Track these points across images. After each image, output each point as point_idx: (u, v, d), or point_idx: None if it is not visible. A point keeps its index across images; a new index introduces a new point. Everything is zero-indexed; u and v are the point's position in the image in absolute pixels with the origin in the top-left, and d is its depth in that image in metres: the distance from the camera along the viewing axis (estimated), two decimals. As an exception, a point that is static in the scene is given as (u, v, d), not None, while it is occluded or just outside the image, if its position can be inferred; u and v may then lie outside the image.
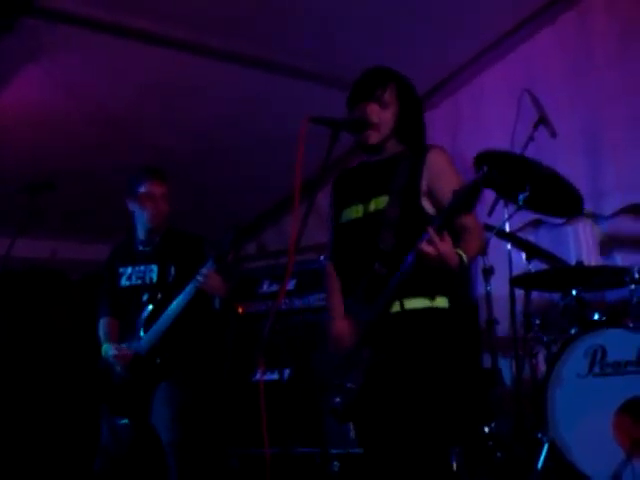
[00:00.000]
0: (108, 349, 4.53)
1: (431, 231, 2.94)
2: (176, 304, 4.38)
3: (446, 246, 2.96)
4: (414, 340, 3.19)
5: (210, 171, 6.27)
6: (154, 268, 4.60)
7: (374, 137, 3.35)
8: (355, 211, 3.37)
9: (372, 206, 3.31)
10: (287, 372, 5.52)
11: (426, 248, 2.94)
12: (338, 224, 3.45)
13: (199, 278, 4.30)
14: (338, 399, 3.20)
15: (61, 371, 6.75)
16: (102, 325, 4.71)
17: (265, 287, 5.78)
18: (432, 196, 3.27)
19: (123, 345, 4.51)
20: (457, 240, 3.12)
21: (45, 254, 6.66)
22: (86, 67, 5.17)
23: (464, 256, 3.06)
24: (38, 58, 4.94)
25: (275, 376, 5.46)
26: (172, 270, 4.55)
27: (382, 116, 3.36)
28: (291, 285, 5.64)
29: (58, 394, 6.66)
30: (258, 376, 5.42)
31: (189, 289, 4.34)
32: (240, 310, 5.73)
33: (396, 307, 3.19)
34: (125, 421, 4.42)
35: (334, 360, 3.27)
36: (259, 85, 5.67)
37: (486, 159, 4.99)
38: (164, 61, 5.25)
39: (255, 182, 6.52)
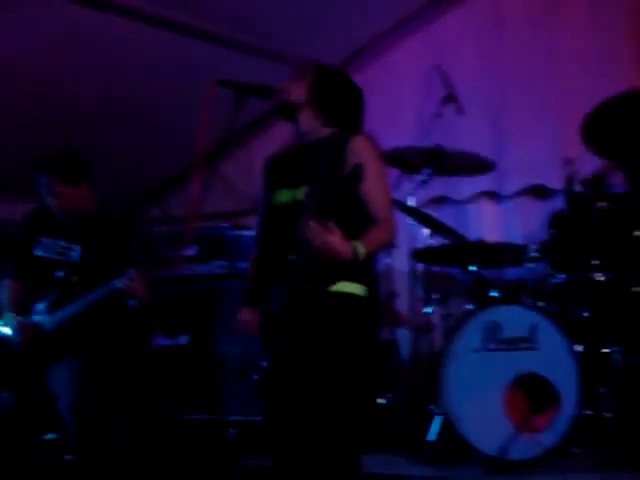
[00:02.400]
0: (10, 319, 4.40)
1: (314, 223, 2.94)
2: (94, 294, 4.26)
3: (334, 238, 2.97)
4: (321, 321, 3.20)
5: (114, 131, 6.14)
6: (77, 248, 4.46)
7: (285, 95, 3.32)
8: (285, 195, 3.34)
9: (299, 194, 3.28)
10: (186, 338, 5.49)
11: (312, 240, 2.96)
12: (270, 204, 3.42)
13: (124, 280, 4.20)
14: (256, 377, 3.25)
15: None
16: (4, 288, 4.57)
17: (166, 252, 5.70)
18: None
19: (28, 318, 4.39)
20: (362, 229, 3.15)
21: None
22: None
23: (360, 248, 3.07)
24: None
25: (174, 342, 5.42)
26: (95, 255, 4.43)
27: (295, 83, 3.34)
28: (193, 251, 5.58)
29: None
30: (155, 342, 5.37)
31: (110, 286, 4.24)
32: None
33: (308, 289, 3.19)
34: (7, 393, 4.32)
35: (255, 339, 3.29)
36: (170, 47, 5.57)
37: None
38: (66, 13, 5.09)
39: (161, 145, 6.42)
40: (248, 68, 3.54)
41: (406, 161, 5.06)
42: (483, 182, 5.66)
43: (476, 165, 5.19)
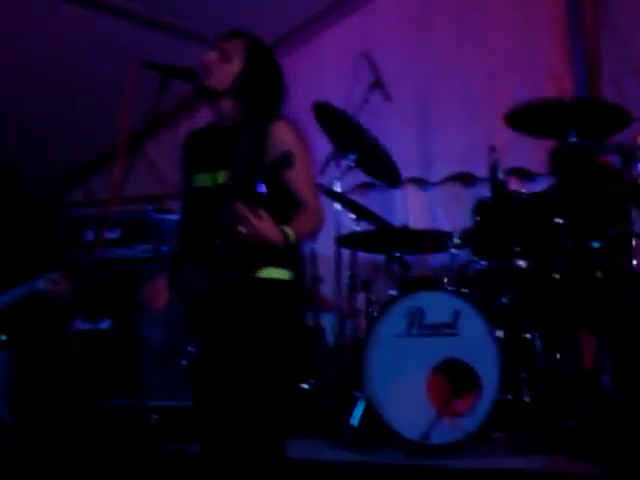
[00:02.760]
0: None
1: (243, 209, 2.92)
2: (16, 292, 4.18)
3: (263, 224, 2.95)
4: (248, 308, 3.18)
5: (35, 114, 6.03)
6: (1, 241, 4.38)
7: (207, 80, 3.26)
8: (204, 179, 3.29)
9: (219, 178, 3.24)
10: (108, 322, 5.43)
11: (240, 228, 2.93)
12: (190, 187, 3.37)
13: (47, 284, 4.12)
14: (185, 362, 3.20)
15: None
16: None
17: (89, 235, 5.62)
18: None
19: None
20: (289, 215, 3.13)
21: None
22: None
23: (290, 234, 3.05)
24: None
25: (96, 326, 5.35)
26: (19, 248, 4.34)
27: (220, 66, 3.27)
28: (117, 234, 5.51)
29: None
30: (76, 326, 5.29)
31: (32, 287, 4.15)
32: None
33: (234, 275, 3.16)
34: None
35: (177, 324, 3.25)
36: (92, 28, 5.46)
37: (323, 111, 5.07)
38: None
39: (85, 126, 6.31)
40: (171, 50, 3.48)
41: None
42: (410, 169, 5.69)
43: (386, 173, 5.22)
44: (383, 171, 5.27)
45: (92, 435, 4.89)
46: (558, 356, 4.69)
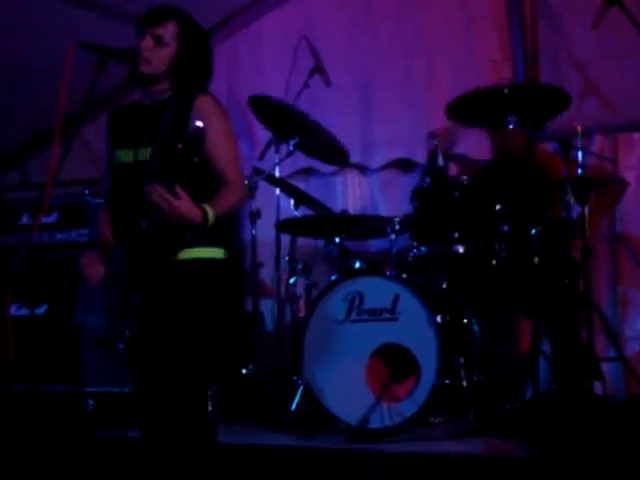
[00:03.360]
0: None
1: (159, 189, 2.90)
2: None
3: (181, 202, 2.93)
4: (179, 288, 3.18)
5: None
6: None
7: (145, 68, 3.23)
8: (125, 155, 3.27)
9: (140, 154, 3.22)
10: (44, 307, 5.36)
11: (158, 205, 2.92)
12: (113, 164, 3.33)
13: None
14: (121, 345, 3.20)
15: None
16: None
17: (24, 219, 5.53)
18: None
19: None
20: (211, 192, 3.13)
21: None
22: None
23: (209, 211, 3.04)
24: None
25: (30, 311, 5.26)
26: None
27: (156, 53, 3.24)
28: (53, 218, 5.43)
29: None
30: (9, 311, 5.20)
31: None
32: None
33: (165, 257, 3.14)
34: None
35: (112, 307, 3.23)
36: (27, 7, 5.35)
37: (258, 103, 5.06)
38: None
39: (20, 109, 6.20)
40: (109, 32, 3.43)
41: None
42: (350, 154, 5.69)
43: (332, 151, 5.22)
44: (328, 153, 5.28)
45: (27, 421, 4.82)
46: (496, 341, 4.73)
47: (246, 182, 4.40)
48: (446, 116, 4.89)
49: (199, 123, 2.92)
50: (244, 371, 5.10)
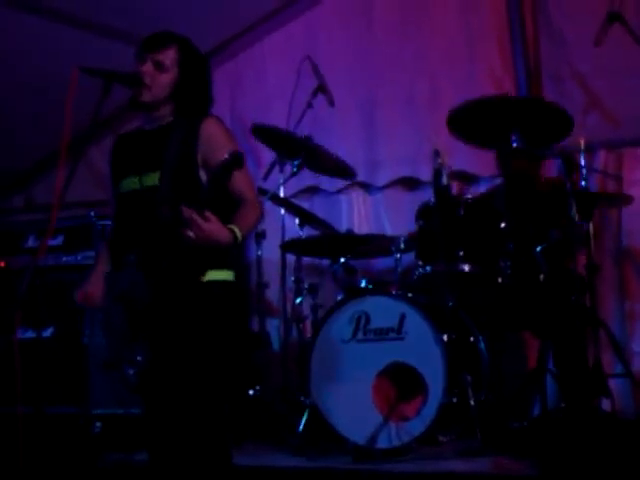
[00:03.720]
0: None
1: (188, 213, 2.91)
2: None
3: (212, 225, 2.94)
4: (195, 311, 3.17)
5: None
6: None
7: (145, 95, 3.25)
8: (132, 182, 3.28)
9: (148, 180, 3.23)
10: (50, 330, 5.36)
11: (188, 232, 2.92)
12: (118, 193, 3.34)
13: None
14: (131, 371, 3.17)
15: None
16: None
17: (30, 242, 5.55)
18: (208, 168, 3.21)
19: None
20: (231, 212, 3.13)
21: None
22: None
23: (237, 231, 3.06)
24: None
25: (37, 334, 5.26)
26: None
27: (157, 78, 3.26)
28: (59, 241, 5.44)
29: None
30: (18, 334, 5.21)
31: None
32: (2, 264, 5.48)
33: (179, 281, 3.14)
34: None
35: (118, 332, 3.21)
36: (33, 31, 5.38)
37: (262, 131, 5.13)
38: None
39: (26, 132, 6.22)
40: (113, 53, 3.45)
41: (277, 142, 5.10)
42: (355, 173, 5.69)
43: (338, 169, 5.24)
44: (334, 170, 5.29)
45: (34, 444, 4.82)
46: (502, 359, 4.72)
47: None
48: (449, 130, 4.88)
49: (219, 146, 3.04)
50: (251, 392, 5.10)
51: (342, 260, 4.92)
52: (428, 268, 4.57)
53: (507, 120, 4.56)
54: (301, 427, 4.51)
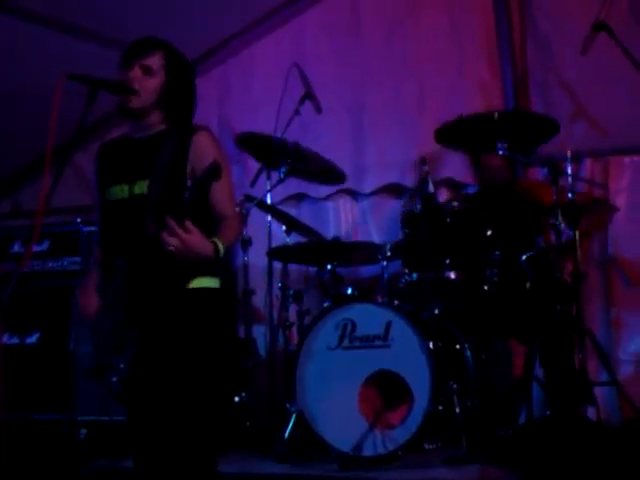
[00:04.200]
0: None
1: (172, 224, 2.91)
2: None
3: (193, 237, 2.94)
4: (179, 318, 3.16)
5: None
6: None
7: (134, 102, 3.25)
8: (121, 190, 3.26)
9: (137, 188, 3.22)
10: (36, 336, 5.34)
11: (169, 240, 2.92)
12: (105, 201, 3.33)
13: None
14: (114, 379, 3.17)
15: None
16: None
17: (16, 247, 5.53)
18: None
19: None
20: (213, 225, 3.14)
21: None
22: None
23: (220, 244, 3.06)
24: None
25: (22, 340, 5.25)
26: None
27: (144, 84, 3.25)
28: (45, 246, 5.43)
29: None
30: (3, 340, 5.19)
31: None
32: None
33: (164, 289, 3.14)
34: None
35: (104, 339, 3.21)
36: (18, 35, 5.37)
37: (247, 140, 5.15)
38: None
39: (12, 137, 6.20)
40: (98, 58, 3.45)
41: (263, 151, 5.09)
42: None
43: (328, 173, 5.24)
44: (322, 175, 5.30)
45: (19, 450, 4.80)
46: (489, 366, 4.72)
47: (237, 209, 4.41)
48: (435, 141, 4.89)
49: (208, 158, 2.98)
50: (237, 398, 5.09)
51: (328, 267, 4.92)
52: (414, 276, 4.56)
53: (492, 131, 4.56)
54: (287, 434, 4.49)
